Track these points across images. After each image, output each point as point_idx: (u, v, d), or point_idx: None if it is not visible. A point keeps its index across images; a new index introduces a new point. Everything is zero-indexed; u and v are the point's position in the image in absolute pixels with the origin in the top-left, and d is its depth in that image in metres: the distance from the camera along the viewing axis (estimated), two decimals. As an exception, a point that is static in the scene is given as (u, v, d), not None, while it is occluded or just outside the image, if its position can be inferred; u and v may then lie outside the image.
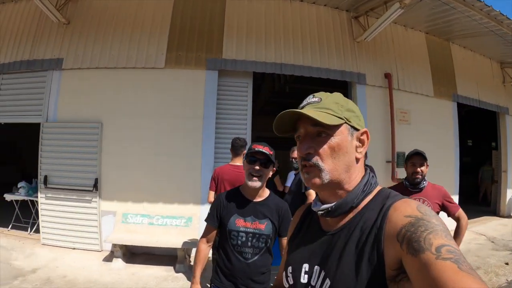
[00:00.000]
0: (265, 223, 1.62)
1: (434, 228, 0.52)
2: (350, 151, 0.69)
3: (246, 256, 1.60)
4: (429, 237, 0.50)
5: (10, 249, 4.18)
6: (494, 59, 7.48)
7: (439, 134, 5.89)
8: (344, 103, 0.71)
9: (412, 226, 0.53)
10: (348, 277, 0.60)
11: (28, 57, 4.82)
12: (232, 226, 1.60)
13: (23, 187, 5.02)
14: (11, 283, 3.25)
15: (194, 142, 4.47)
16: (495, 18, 5.20)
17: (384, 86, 5.39)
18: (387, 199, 0.63)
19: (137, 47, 4.60)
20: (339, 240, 0.65)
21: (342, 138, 0.68)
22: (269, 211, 1.65)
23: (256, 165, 1.59)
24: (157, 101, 4.53)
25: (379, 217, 0.60)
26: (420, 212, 0.55)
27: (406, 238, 0.52)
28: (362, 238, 0.61)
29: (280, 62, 4.80)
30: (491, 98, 7.17)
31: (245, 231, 1.60)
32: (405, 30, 5.91)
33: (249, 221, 1.61)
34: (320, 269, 0.67)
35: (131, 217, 4.27)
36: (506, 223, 6.89)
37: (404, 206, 0.59)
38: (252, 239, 1.60)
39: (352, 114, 0.70)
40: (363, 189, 0.67)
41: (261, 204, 1.66)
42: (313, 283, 0.67)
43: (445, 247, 0.48)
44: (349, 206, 0.66)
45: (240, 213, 1.62)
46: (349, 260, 0.61)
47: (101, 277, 3.60)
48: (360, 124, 0.72)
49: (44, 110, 4.64)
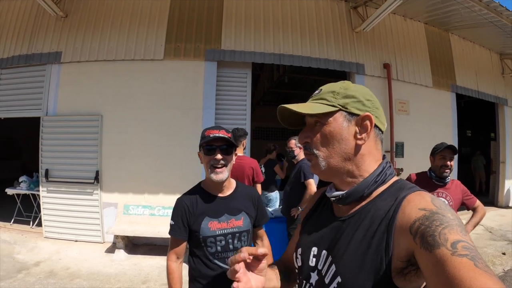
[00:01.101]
0: (241, 218, 1.42)
1: (450, 222, 0.51)
2: (346, 138, 0.67)
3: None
4: (444, 232, 0.49)
5: (13, 243, 4.22)
6: (493, 50, 7.47)
7: (437, 125, 5.92)
8: (342, 90, 0.69)
9: (427, 219, 0.52)
10: (353, 265, 0.60)
11: (26, 51, 4.81)
12: (206, 232, 1.35)
13: (24, 181, 5.05)
14: (15, 276, 3.29)
15: (194, 132, 4.45)
16: (495, 9, 5.19)
17: (383, 76, 5.40)
18: (402, 191, 0.62)
19: (135, 39, 4.60)
20: (348, 227, 0.65)
21: (335, 125, 0.67)
22: (243, 203, 1.45)
23: (217, 154, 1.35)
24: (156, 92, 4.54)
25: (392, 208, 0.59)
26: (434, 206, 0.54)
27: (420, 232, 0.51)
28: (372, 227, 0.61)
29: (279, 52, 4.81)
30: (490, 89, 7.18)
31: (222, 234, 1.37)
32: (404, 21, 5.90)
33: (223, 221, 1.38)
34: (327, 254, 0.67)
35: (132, 208, 4.30)
36: (504, 213, 6.94)
37: (418, 198, 0.58)
38: (233, 241, 1.39)
39: (351, 100, 0.68)
40: (375, 179, 0.66)
41: (232, 197, 1.45)
42: (320, 267, 0.68)
43: (460, 243, 0.47)
44: (360, 195, 0.66)
45: (212, 214, 1.38)
46: (356, 248, 0.61)
47: (104, 268, 3.65)
48: (361, 109, 0.68)
49: (44, 104, 4.65)
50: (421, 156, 2.51)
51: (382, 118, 0.71)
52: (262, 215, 1.54)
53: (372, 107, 0.69)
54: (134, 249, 4.24)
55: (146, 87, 4.55)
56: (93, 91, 4.58)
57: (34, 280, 3.22)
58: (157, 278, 3.42)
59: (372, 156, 0.69)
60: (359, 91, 0.70)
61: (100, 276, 3.42)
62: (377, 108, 0.70)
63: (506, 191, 7.67)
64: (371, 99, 0.70)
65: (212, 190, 1.43)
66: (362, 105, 0.68)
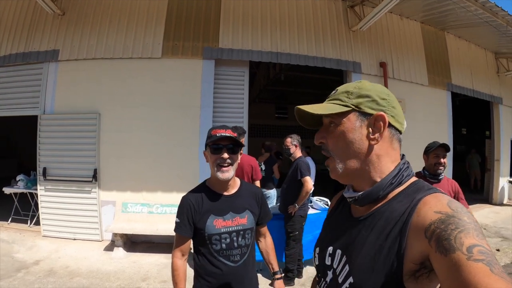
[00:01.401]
0: (246, 216, 1.44)
1: (465, 226, 0.49)
2: (359, 139, 0.66)
3: (234, 259, 1.39)
4: (460, 236, 0.48)
5: (12, 242, 4.20)
6: (488, 49, 7.55)
7: (433, 123, 5.99)
8: (356, 90, 0.68)
9: (442, 223, 0.51)
10: (365, 266, 0.60)
11: (23, 49, 4.79)
12: (212, 230, 1.37)
13: (22, 179, 5.03)
14: (14, 275, 3.28)
15: (192, 130, 4.50)
16: (490, 9, 5.25)
17: (379, 75, 5.45)
18: (418, 192, 0.61)
19: (133, 37, 4.60)
20: (363, 228, 0.65)
21: (348, 126, 0.67)
22: (247, 202, 1.47)
23: (224, 153, 1.36)
24: (154, 91, 4.55)
25: (407, 210, 0.58)
26: (451, 209, 0.53)
27: (436, 235, 0.51)
28: (386, 229, 0.60)
29: (276, 51, 4.84)
30: (485, 88, 7.26)
31: (227, 232, 1.39)
32: (400, 20, 5.95)
33: (228, 219, 1.40)
34: (342, 254, 0.67)
35: (130, 206, 4.31)
36: (498, 210, 7.05)
37: (434, 201, 0.56)
38: (237, 238, 1.40)
39: (365, 100, 0.67)
40: (391, 181, 0.65)
41: (237, 196, 1.46)
42: (335, 266, 0.68)
43: (476, 247, 0.46)
44: (375, 197, 0.65)
45: (217, 212, 1.39)
46: (369, 249, 0.61)
47: (103, 266, 3.66)
48: (375, 108, 0.66)
49: (41, 102, 4.63)
50: (416, 155, 2.54)
51: (399, 117, 0.68)
52: (266, 213, 1.56)
53: (388, 106, 0.67)
54: (133, 246, 4.25)
55: (144, 85, 4.56)
56: (91, 90, 4.58)
57: (34, 279, 3.22)
58: (157, 276, 3.44)
59: (389, 157, 0.67)
60: (373, 90, 0.68)
61: (99, 274, 3.43)
62: (393, 107, 0.68)
63: (500, 189, 7.79)
64: (387, 98, 0.68)
65: (217, 189, 1.44)
66: (376, 104, 0.67)
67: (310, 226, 3.66)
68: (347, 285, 0.63)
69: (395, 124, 0.67)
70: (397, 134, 0.69)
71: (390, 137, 0.67)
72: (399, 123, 0.68)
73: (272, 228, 3.31)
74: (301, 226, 3.33)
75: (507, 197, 8.05)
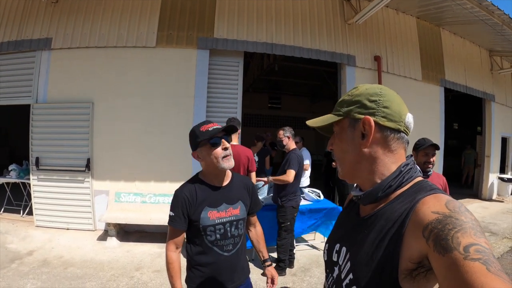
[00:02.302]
0: (238, 206, 1.47)
1: (463, 226, 0.50)
2: (352, 143, 0.69)
3: (228, 248, 1.43)
4: (457, 236, 0.49)
5: (4, 233, 4.18)
6: (483, 47, 7.61)
7: (425, 118, 6.04)
8: (349, 97, 0.71)
9: (440, 223, 0.52)
10: (364, 264, 0.62)
11: (16, 37, 4.70)
12: (206, 222, 1.38)
13: (14, 169, 4.99)
14: (8, 266, 3.26)
15: (185, 120, 4.48)
16: (486, 8, 5.28)
17: (374, 68, 5.48)
18: (419, 193, 0.61)
19: (127, 25, 4.54)
20: (366, 227, 0.67)
21: (342, 133, 0.72)
22: (239, 193, 1.50)
23: (225, 144, 1.39)
24: (148, 80, 4.52)
25: (406, 210, 0.59)
26: (448, 209, 0.54)
27: (433, 235, 0.51)
28: (385, 229, 0.61)
29: (271, 42, 4.82)
30: (478, 85, 7.34)
31: (222, 223, 1.41)
32: (396, 14, 5.96)
33: (222, 210, 1.42)
34: (346, 251, 0.70)
35: (124, 196, 4.31)
36: (487, 206, 7.20)
37: (433, 201, 0.57)
38: (230, 228, 1.43)
39: (355, 106, 0.69)
40: (390, 183, 0.65)
41: (229, 187, 1.48)
42: (340, 263, 0.71)
43: (473, 246, 0.47)
44: (374, 197, 0.67)
45: (211, 204, 1.40)
46: (368, 248, 0.63)
47: (96, 256, 3.66)
48: (363, 113, 0.67)
49: (34, 91, 4.57)
50: (408, 149, 2.56)
51: (394, 116, 0.66)
52: (256, 203, 1.60)
53: (378, 107, 0.67)
54: (126, 236, 4.27)
55: (138, 74, 4.52)
56: (84, 78, 4.53)
57: (28, 270, 3.20)
58: (150, 265, 3.46)
59: (388, 158, 0.67)
60: (364, 94, 0.69)
61: (93, 264, 3.43)
62: (385, 107, 0.66)
63: (490, 184, 7.93)
64: (377, 99, 0.67)
65: (211, 181, 1.44)
66: (365, 108, 0.67)
67: (301, 217, 3.72)
68: (347, 281, 0.65)
69: (387, 125, 0.66)
70: (395, 134, 0.67)
71: (384, 138, 0.67)
72: (394, 122, 0.66)
73: (264, 218, 3.38)
74: (293, 217, 3.38)
75: (496, 192, 8.21)
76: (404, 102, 0.72)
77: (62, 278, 3.07)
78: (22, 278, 3.02)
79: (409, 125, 0.69)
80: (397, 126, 0.67)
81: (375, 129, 0.66)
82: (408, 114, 0.69)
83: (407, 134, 0.69)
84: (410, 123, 0.70)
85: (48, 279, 3.03)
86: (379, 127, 0.66)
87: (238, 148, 3.09)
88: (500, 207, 7.09)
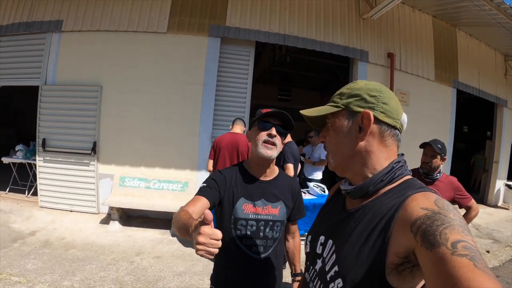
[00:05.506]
0: (278, 206, 1.30)
1: (451, 223, 0.51)
2: (348, 136, 0.69)
3: (257, 250, 1.26)
4: (445, 232, 0.49)
5: (9, 212, 4.22)
6: (498, 51, 7.42)
7: (436, 118, 5.95)
8: (348, 90, 0.71)
9: (428, 219, 0.52)
10: (350, 257, 0.62)
11: (26, 18, 4.70)
12: (240, 214, 1.25)
13: (21, 150, 5.03)
14: (10, 246, 3.30)
15: (193, 108, 4.46)
16: (505, 11, 5.14)
17: (386, 65, 5.37)
18: (409, 189, 0.62)
19: (139, 10, 4.50)
20: (352, 220, 0.67)
21: (338, 124, 0.71)
22: (282, 192, 1.33)
23: (272, 130, 1.26)
24: (158, 65, 4.49)
25: (395, 205, 0.60)
26: (437, 206, 0.55)
27: (421, 231, 0.52)
28: (373, 223, 0.62)
29: (283, 33, 4.75)
30: (491, 89, 7.18)
31: (255, 219, 1.26)
32: (412, 11, 5.82)
33: (259, 205, 1.27)
34: (332, 243, 0.70)
35: (128, 180, 4.32)
36: (492, 212, 7.07)
37: (422, 198, 0.58)
38: (264, 229, 1.27)
39: (355, 99, 0.69)
40: (381, 178, 0.66)
41: (271, 183, 1.33)
42: (325, 255, 0.71)
43: (461, 243, 0.47)
44: (365, 191, 0.67)
45: (248, 196, 1.27)
46: (354, 241, 0.63)
47: (98, 239, 3.69)
48: (362, 106, 0.68)
49: (43, 73, 4.58)
50: (416, 149, 2.49)
51: (392, 113, 0.68)
52: (299, 209, 1.42)
53: (378, 103, 0.67)
54: (129, 221, 4.29)
55: (148, 60, 4.49)
56: (94, 62, 4.51)
57: (30, 250, 3.23)
58: (151, 251, 3.47)
59: (381, 154, 0.68)
60: (364, 88, 0.69)
61: (94, 247, 3.45)
62: (384, 103, 0.67)
63: (496, 191, 7.80)
64: (377, 95, 0.68)
65: (254, 172, 1.32)
66: (365, 102, 0.68)
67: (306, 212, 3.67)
68: (332, 273, 0.65)
69: (385, 120, 0.67)
70: (391, 130, 0.68)
71: (381, 133, 0.67)
72: (392, 118, 0.67)
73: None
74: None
75: (502, 199, 8.08)
76: (415, 102, 0.69)
77: (62, 259, 3.08)
78: (23, 258, 3.04)
79: (403, 124, 0.71)
80: (394, 123, 0.68)
81: (373, 123, 0.67)
82: (404, 114, 0.71)
83: (400, 132, 0.71)
84: (405, 123, 0.71)
85: (49, 260, 3.04)
86: (377, 121, 0.67)
87: (239, 136, 3.16)
88: (505, 214, 6.96)
